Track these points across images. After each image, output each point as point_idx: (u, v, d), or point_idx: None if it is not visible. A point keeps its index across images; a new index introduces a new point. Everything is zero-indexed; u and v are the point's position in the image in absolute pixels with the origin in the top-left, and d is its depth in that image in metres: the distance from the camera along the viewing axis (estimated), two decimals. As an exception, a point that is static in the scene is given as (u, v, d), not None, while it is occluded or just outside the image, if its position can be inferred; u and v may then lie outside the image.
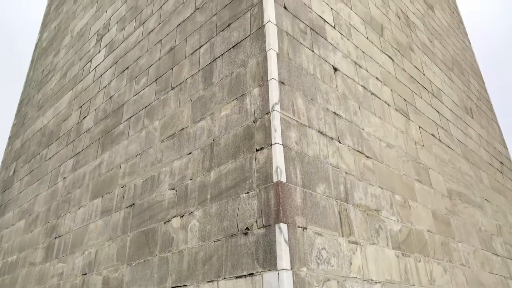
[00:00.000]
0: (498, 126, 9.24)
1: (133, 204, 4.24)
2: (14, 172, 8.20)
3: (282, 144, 2.96)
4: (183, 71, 4.44)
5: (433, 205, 4.71)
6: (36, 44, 11.40)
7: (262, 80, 3.32)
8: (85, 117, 6.27)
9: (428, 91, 6.24)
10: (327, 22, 4.49)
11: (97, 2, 8.11)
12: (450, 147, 5.99)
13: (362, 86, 4.51)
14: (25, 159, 7.93)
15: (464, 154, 6.38)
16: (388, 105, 4.87)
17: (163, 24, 5.31)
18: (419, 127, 5.37)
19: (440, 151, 5.62)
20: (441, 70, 7.32)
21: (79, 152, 5.96)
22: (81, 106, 6.59)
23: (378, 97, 4.73)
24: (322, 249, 2.85)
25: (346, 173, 3.52)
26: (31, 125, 8.56)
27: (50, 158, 6.83)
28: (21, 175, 7.71)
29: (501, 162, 7.99)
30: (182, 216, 3.49)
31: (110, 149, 5.19)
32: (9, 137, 9.68)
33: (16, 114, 10.17)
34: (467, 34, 11.07)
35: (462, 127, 6.88)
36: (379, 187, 3.89)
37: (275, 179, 2.79)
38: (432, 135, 5.63)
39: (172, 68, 4.68)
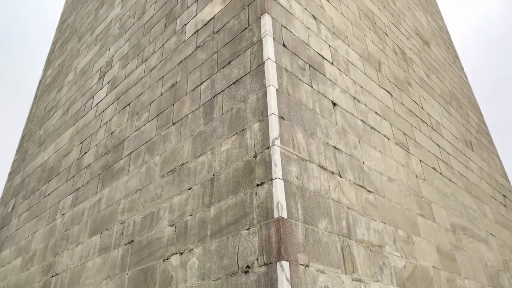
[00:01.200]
0: (499, 158, 9.23)
1: (132, 241, 4.17)
2: (12, 208, 8.13)
3: (282, 179, 2.95)
4: (184, 107, 4.49)
5: (437, 240, 4.63)
6: (40, 81, 11.60)
7: (262, 115, 3.35)
8: (86, 152, 6.29)
9: (427, 124, 6.28)
10: (325, 59, 4.59)
11: (100, 40, 8.32)
12: (451, 180, 5.96)
13: (361, 120, 4.54)
14: (24, 195, 7.88)
15: (466, 187, 6.34)
16: (388, 139, 4.89)
17: (165, 61, 5.42)
18: (420, 160, 5.36)
19: (442, 184, 5.58)
20: (440, 104, 7.40)
21: (79, 188, 5.92)
22: (82, 142, 6.62)
23: (378, 131, 4.75)
24: (325, 287, 2.77)
25: (348, 208, 3.48)
26: (31, 160, 8.57)
27: (49, 194, 6.79)
28: (20, 212, 7.63)
29: (504, 195, 7.92)
30: (181, 254, 3.43)
31: (110, 184, 5.17)
32: (9, 173, 9.66)
33: (17, 150, 10.21)
34: (463, 69, 11.28)
35: (463, 160, 6.87)
36: (382, 222, 3.83)
37: (276, 215, 2.76)
38: (433, 168, 5.62)
39: (173, 104, 4.74)
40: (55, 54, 11.49)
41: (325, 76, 4.37)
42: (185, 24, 5.39)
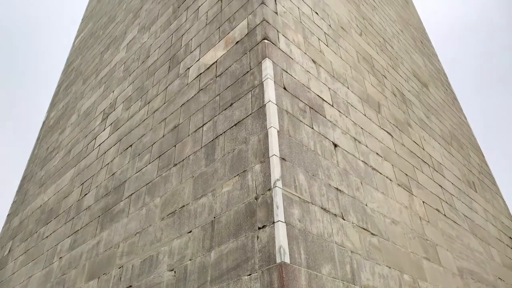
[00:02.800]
0: (503, 199, 9.13)
1: (130, 286, 4.04)
2: (9, 251, 7.96)
3: (285, 222, 2.90)
4: (186, 148, 4.51)
5: (444, 285, 4.48)
6: (44, 123, 11.74)
7: (264, 157, 3.35)
8: (86, 194, 6.24)
9: (429, 165, 6.26)
10: (325, 101, 4.65)
11: (105, 83, 8.49)
12: (456, 222, 5.86)
13: (363, 161, 4.53)
14: (22, 237, 7.75)
15: (471, 229, 6.22)
16: (390, 180, 4.86)
17: (168, 103, 5.51)
18: (423, 202, 5.30)
19: (446, 226, 5.48)
20: (440, 144, 7.42)
21: (78, 230, 5.83)
22: (82, 183, 6.59)
23: (380, 172, 4.73)
24: (330, 336, 2.65)
25: (351, 251, 3.40)
26: (31, 202, 8.49)
27: (47, 237, 6.67)
28: (16, 255, 7.47)
29: (510, 237, 7.76)
30: (180, 300, 3.31)
31: (109, 227, 5.09)
32: (8, 215, 9.55)
33: (17, 191, 10.15)
34: (462, 110, 11.41)
35: (467, 202, 6.79)
36: (387, 266, 3.73)
37: (278, 260, 2.69)
38: (437, 210, 5.54)
39: (175, 145, 4.76)
40: (60, 96, 11.69)
41: (325, 117, 4.42)
42: (189, 68, 5.52)
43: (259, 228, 2.97)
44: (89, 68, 10.46)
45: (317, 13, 6.00)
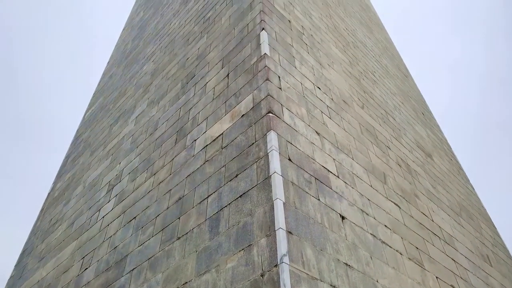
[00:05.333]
0: (521, 274, 8.70)
1: None
2: (0, 331, 7.54)
3: (292, 301, 2.76)
4: (190, 221, 4.43)
5: None
6: (49, 194, 11.73)
7: (269, 230, 3.28)
8: (87, 268, 6.04)
9: (439, 238, 6.07)
10: (331, 172, 4.65)
11: (112, 154, 8.62)
12: (474, 299, 5.54)
13: (371, 234, 4.41)
14: (15, 315, 7.38)
15: (490, 307, 5.86)
16: (401, 254, 4.69)
17: (173, 175, 5.53)
18: (436, 277, 5.06)
19: (463, 304, 5.17)
20: (450, 216, 7.26)
21: (74, 308, 5.56)
22: (83, 257, 6.41)
23: (389, 246, 4.58)
24: None
25: (364, 333, 3.18)
26: (29, 277, 8.20)
27: (42, 315, 6.35)
28: (8, 335, 7.06)
29: (533, 316, 7.27)
30: None
31: (107, 304, 4.85)
32: (4, 291, 9.18)
33: (15, 266, 9.86)
34: (468, 180, 11.33)
35: (482, 277, 6.47)
36: None
37: None
38: (452, 286, 5.27)
39: (179, 218, 4.69)
40: (67, 168, 11.82)
41: (331, 189, 4.39)
42: (195, 140, 5.63)
43: (265, 307, 2.82)
44: (97, 140, 10.69)
45: (319, 88, 6.23)
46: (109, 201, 7.02)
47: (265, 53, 5.45)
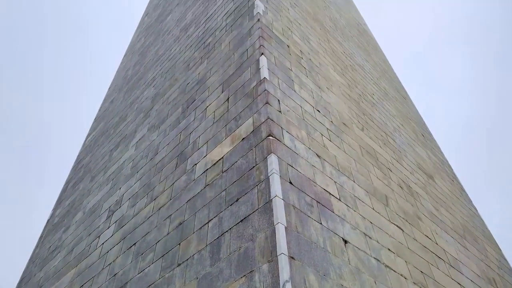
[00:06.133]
0: (529, 297, 8.50)
1: None
2: None
3: (295, 329, 2.68)
4: (191, 246, 4.37)
5: None
6: (48, 221, 11.63)
7: (271, 255, 3.22)
8: (85, 297, 5.92)
9: (444, 261, 5.97)
10: (332, 195, 4.62)
11: (112, 179, 8.59)
12: (482, 324, 5.40)
13: (375, 258, 4.34)
14: None
15: (499, 333, 5.70)
16: (405, 278, 4.60)
17: (173, 200, 5.49)
18: (443, 302, 4.95)
19: (472, 330, 5.04)
20: (454, 238, 7.16)
21: (72, 338, 5.41)
22: (82, 285, 6.29)
23: (393, 270, 4.50)
24: None
25: None
26: (26, 306, 8.03)
27: None
28: None
29: None
30: None
31: (106, 334, 4.72)
32: (0, 321, 8.97)
33: (13, 294, 9.66)
34: (471, 201, 11.24)
35: (490, 301, 6.33)
36: None
37: None
38: (459, 311, 5.14)
39: (179, 244, 4.62)
40: (67, 193, 11.75)
41: (333, 212, 4.34)
42: (195, 164, 5.62)
43: (268, 336, 2.74)
44: (98, 165, 10.68)
45: (319, 111, 6.26)
46: (108, 227, 6.94)
47: (264, 77, 5.50)
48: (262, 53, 6.09)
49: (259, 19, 7.10)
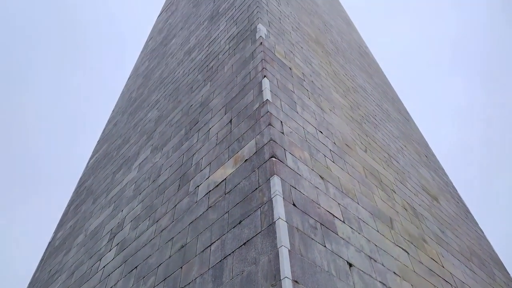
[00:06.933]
0: (540, 323, 8.27)
1: None
2: None
3: None
4: (193, 270, 4.30)
5: None
6: (49, 243, 11.52)
7: (275, 279, 3.17)
8: (84, 322, 5.80)
9: (451, 285, 5.84)
10: (336, 217, 4.57)
11: (114, 202, 8.55)
12: None
13: (380, 282, 4.25)
14: None
15: None
16: (412, 302, 4.49)
17: (176, 222, 5.44)
18: (452, 327, 4.81)
19: None
20: (460, 261, 7.03)
21: None
22: (82, 310, 6.18)
23: (400, 294, 4.40)
24: None
25: None
26: (24, 332, 7.87)
27: None
28: None
29: None
30: None
31: None
32: None
33: (11, 319, 9.49)
34: (477, 223, 11.08)
35: (500, 326, 6.16)
36: None
37: None
38: (468, 337, 5.00)
39: (181, 267, 4.55)
40: (69, 216, 11.69)
41: (337, 234, 4.28)
42: (198, 186, 5.59)
43: None
44: (100, 187, 10.65)
45: (321, 132, 6.27)
46: (110, 250, 6.87)
47: (267, 99, 5.54)
48: (265, 76, 6.15)
49: (261, 43, 7.21)
